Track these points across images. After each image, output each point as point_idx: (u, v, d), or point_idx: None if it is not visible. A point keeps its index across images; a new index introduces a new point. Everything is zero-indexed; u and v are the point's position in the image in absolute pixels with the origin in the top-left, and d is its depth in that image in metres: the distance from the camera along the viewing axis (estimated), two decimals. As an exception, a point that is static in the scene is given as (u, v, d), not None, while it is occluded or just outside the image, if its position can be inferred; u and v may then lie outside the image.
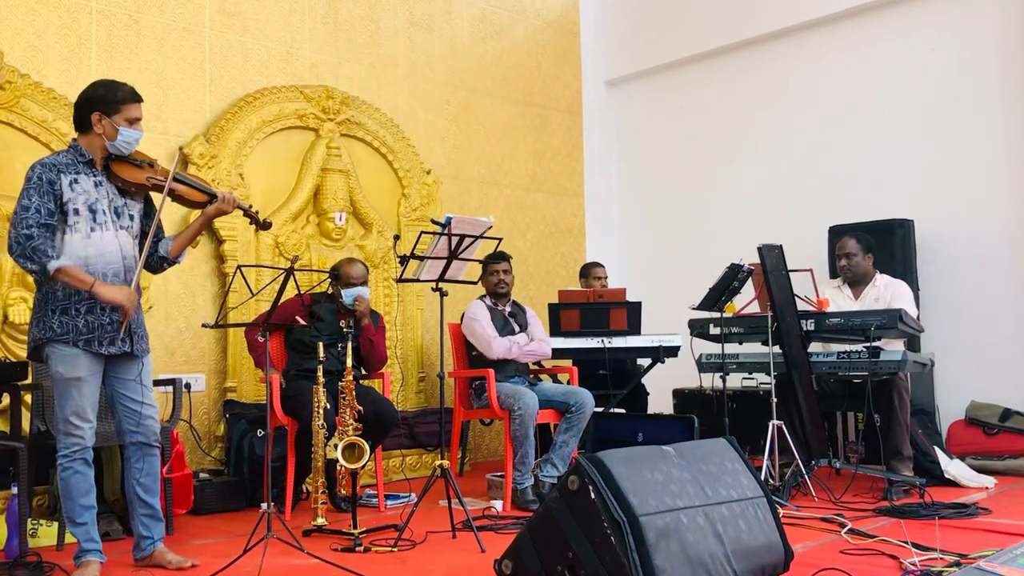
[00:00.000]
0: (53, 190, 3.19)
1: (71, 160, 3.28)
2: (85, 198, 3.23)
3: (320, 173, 5.72)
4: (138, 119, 3.31)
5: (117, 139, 3.26)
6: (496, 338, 4.91)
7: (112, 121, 3.25)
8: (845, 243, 5.20)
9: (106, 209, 3.27)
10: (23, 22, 4.77)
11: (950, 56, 5.94)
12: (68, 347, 3.20)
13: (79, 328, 3.20)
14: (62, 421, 3.23)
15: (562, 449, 4.73)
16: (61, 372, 3.21)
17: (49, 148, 4.72)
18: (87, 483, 3.27)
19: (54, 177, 3.20)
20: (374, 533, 3.91)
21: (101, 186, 3.29)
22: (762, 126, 6.80)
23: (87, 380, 3.24)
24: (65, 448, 3.23)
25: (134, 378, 3.37)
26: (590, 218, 7.55)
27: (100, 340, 3.24)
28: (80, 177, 3.25)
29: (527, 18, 7.24)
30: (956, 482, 4.77)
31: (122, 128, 3.26)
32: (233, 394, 5.27)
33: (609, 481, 2.58)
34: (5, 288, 4.55)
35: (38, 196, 3.17)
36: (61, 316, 3.21)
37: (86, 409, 3.24)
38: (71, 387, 3.21)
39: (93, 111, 3.26)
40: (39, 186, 3.18)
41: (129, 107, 3.28)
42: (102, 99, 3.26)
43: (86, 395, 3.24)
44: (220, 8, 5.50)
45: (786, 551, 2.89)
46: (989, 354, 5.71)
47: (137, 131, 3.30)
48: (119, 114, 3.25)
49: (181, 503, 4.42)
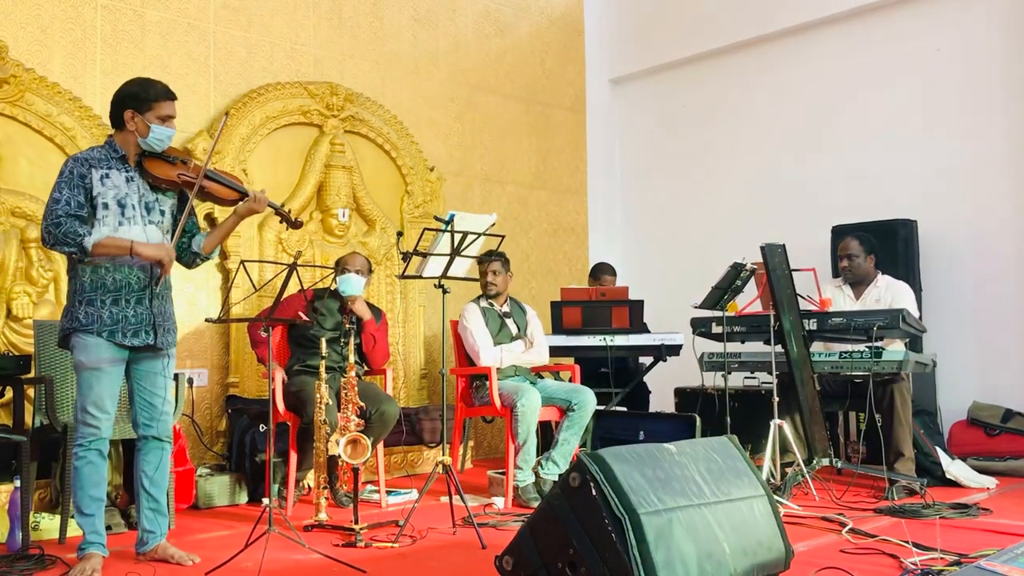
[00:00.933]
0: (84, 184, 3.25)
1: (104, 155, 3.34)
2: (115, 193, 3.28)
3: (324, 169, 5.73)
4: (171, 116, 3.35)
5: (149, 136, 3.31)
6: (485, 349, 4.92)
7: (144, 118, 3.30)
8: (847, 244, 5.20)
9: (136, 204, 3.32)
10: (28, 16, 4.78)
11: (953, 57, 5.93)
12: (91, 337, 3.24)
13: (103, 319, 3.25)
14: (80, 410, 3.27)
15: (563, 447, 4.73)
16: (83, 361, 3.26)
17: (53, 142, 4.73)
18: (99, 475, 3.29)
19: (85, 171, 3.26)
20: (375, 529, 3.92)
21: (132, 181, 3.34)
22: (766, 125, 6.80)
23: (107, 371, 3.27)
24: (81, 438, 3.26)
25: (157, 372, 3.41)
26: (593, 216, 7.55)
27: (124, 331, 3.27)
28: (112, 172, 3.30)
29: (531, 15, 7.24)
30: (957, 482, 4.77)
31: (154, 125, 3.30)
32: (235, 389, 5.28)
33: (610, 478, 2.59)
34: (8, 282, 4.56)
35: (68, 189, 3.23)
36: (87, 307, 3.26)
37: (104, 400, 3.26)
38: (91, 377, 3.25)
39: (126, 108, 3.32)
40: (70, 180, 3.25)
41: (161, 105, 3.32)
42: (135, 96, 3.32)
43: (106, 386, 3.27)
44: (225, 3, 5.51)
45: (787, 550, 2.89)
46: (991, 355, 5.71)
47: (169, 128, 3.35)
48: (151, 111, 3.30)
49: (183, 498, 4.43)
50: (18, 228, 4.61)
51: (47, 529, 3.91)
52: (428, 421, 5.62)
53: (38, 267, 4.64)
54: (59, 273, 4.72)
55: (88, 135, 4.82)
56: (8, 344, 4.53)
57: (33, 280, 4.63)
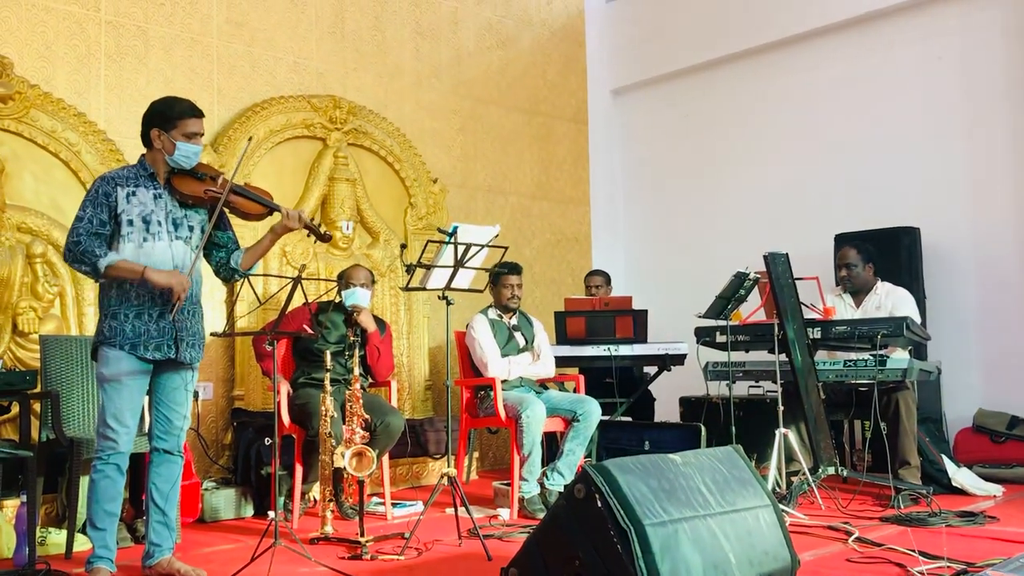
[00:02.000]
0: (108, 202, 3.30)
1: (133, 174, 3.39)
2: (140, 210, 3.32)
3: (327, 182, 5.75)
4: (197, 134, 3.39)
5: (175, 154, 3.35)
6: (493, 360, 4.92)
7: (170, 136, 3.34)
8: (846, 253, 5.19)
9: (162, 220, 3.36)
10: (33, 33, 4.81)
11: (956, 64, 5.94)
12: (114, 350, 3.28)
13: (126, 332, 3.28)
14: (100, 423, 3.30)
15: (569, 457, 4.73)
16: (104, 373, 3.29)
17: (58, 158, 4.76)
18: (115, 490, 3.31)
19: (110, 190, 3.31)
20: (381, 541, 3.91)
21: (160, 198, 3.38)
22: (767, 134, 6.81)
23: (128, 384, 3.29)
24: (100, 451, 3.29)
25: (177, 386, 3.43)
26: (596, 226, 7.56)
27: (146, 345, 3.30)
28: (139, 190, 3.35)
29: (533, 28, 7.27)
30: (963, 490, 4.76)
31: (179, 143, 3.34)
32: (241, 402, 5.29)
33: (615, 490, 2.59)
34: (14, 297, 4.58)
35: (92, 207, 3.29)
36: (111, 320, 3.30)
37: (124, 413, 3.28)
38: (112, 389, 3.28)
39: (152, 127, 3.37)
40: (95, 198, 3.31)
41: (186, 122, 3.36)
42: (160, 115, 3.37)
43: (126, 399, 3.29)
44: (228, 18, 5.54)
45: (792, 559, 2.88)
46: (996, 362, 5.70)
47: (195, 145, 3.38)
48: (176, 129, 3.34)
49: (188, 512, 4.43)
50: (24, 243, 4.63)
51: (54, 544, 3.91)
52: (433, 432, 5.63)
53: (44, 282, 4.66)
54: (64, 288, 4.74)
55: (92, 150, 4.84)
56: (14, 359, 4.54)
57: (39, 295, 4.65)
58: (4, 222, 4.56)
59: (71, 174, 4.81)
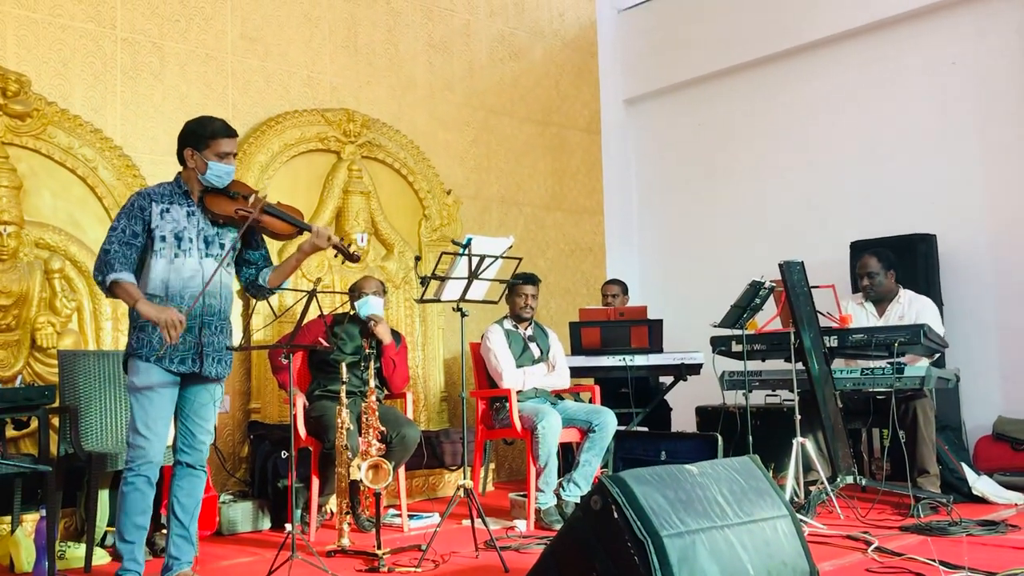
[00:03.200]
0: (142, 215, 3.35)
1: (168, 191, 3.43)
2: (173, 226, 3.37)
3: (342, 195, 5.78)
4: (230, 153, 3.42)
5: (208, 173, 3.38)
6: (508, 371, 4.92)
7: (203, 156, 3.38)
8: (866, 262, 5.16)
9: (194, 237, 3.39)
10: (50, 50, 4.86)
11: (969, 70, 5.92)
12: (142, 361, 3.32)
13: (152, 345, 3.31)
14: (131, 432, 3.32)
15: (585, 468, 4.72)
16: (134, 383, 3.32)
17: (75, 174, 4.80)
18: (145, 503, 3.32)
19: (145, 204, 3.37)
20: (398, 554, 3.91)
21: (194, 216, 3.42)
22: (781, 142, 6.80)
23: (159, 392, 3.32)
24: (130, 461, 3.30)
25: (204, 401, 3.44)
26: (610, 236, 7.55)
27: (171, 358, 3.33)
28: (173, 207, 3.39)
29: (545, 39, 7.29)
30: (984, 499, 4.72)
31: (211, 162, 3.37)
32: (257, 415, 5.30)
33: (632, 501, 2.58)
34: (33, 313, 4.61)
35: (126, 219, 3.35)
36: (139, 332, 3.33)
37: (156, 421, 3.31)
38: (143, 398, 3.30)
39: (186, 147, 3.41)
40: (130, 211, 3.36)
41: (219, 142, 3.39)
42: (193, 134, 3.41)
43: (156, 407, 3.31)
44: (242, 34, 5.58)
45: (812, 570, 2.87)
46: (1016, 368, 5.66)
47: (228, 165, 3.41)
48: (209, 149, 3.38)
49: (206, 525, 4.44)
50: (42, 259, 4.67)
51: (73, 558, 3.93)
52: (449, 444, 5.63)
53: (62, 297, 4.69)
54: (82, 303, 4.77)
55: (109, 166, 4.88)
56: (33, 374, 4.57)
57: (57, 310, 4.68)
58: (22, 238, 4.59)
59: (88, 190, 4.85)
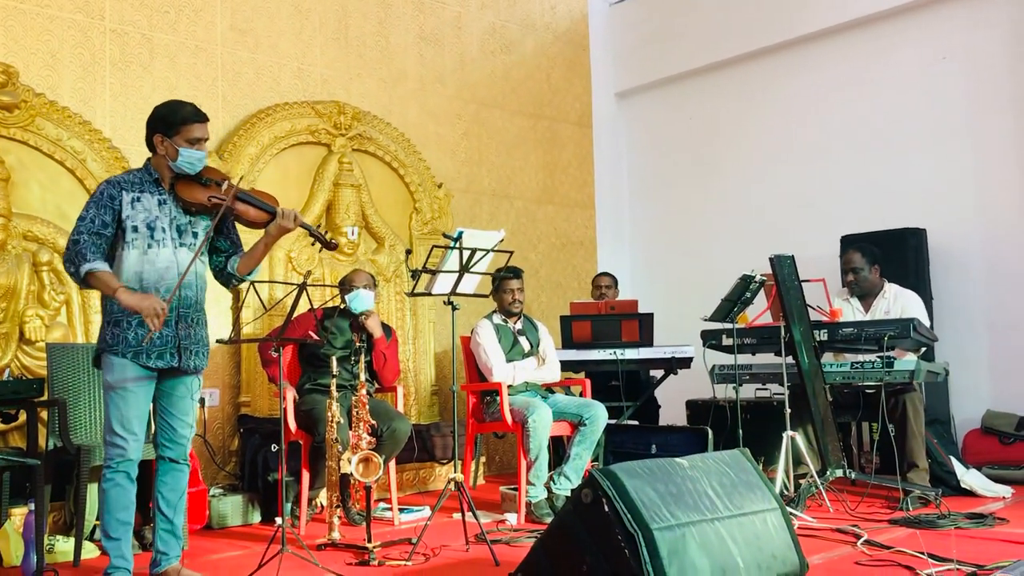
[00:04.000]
0: (112, 204, 3.27)
1: (139, 179, 3.35)
2: (145, 216, 3.29)
3: (332, 188, 5.76)
4: (201, 139, 3.33)
5: (179, 159, 3.30)
6: (498, 365, 4.92)
7: (173, 142, 3.29)
8: (850, 258, 5.15)
9: (166, 227, 3.32)
10: (38, 42, 4.83)
11: (960, 64, 5.93)
12: (117, 357, 3.25)
13: (128, 340, 3.25)
14: (107, 431, 3.27)
15: (575, 462, 4.72)
16: (109, 381, 3.27)
17: (64, 166, 4.77)
18: (127, 498, 3.28)
19: (115, 193, 3.28)
20: (388, 547, 3.91)
21: (165, 204, 3.34)
22: (773, 136, 6.80)
23: (133, 390, 3.26)
24: (108, 459, 3.25)
25: (182, 395, 3.38)
26: (601, 230, 7.56)
27: (148, 353, 3.26)
28: (144, 196, 3.31)
29: (536, 32, 7.27)
30: (972, 492, 4.74)
31: (183, 149, 3.29)
32: (247, 409, 5.29)
33: (623, 494, 2.58)
34: (21, 306, 4.59)
35: (96, 208, 3.26)
36: (114, 328, 3.27)
37: (131, 420, 3.25)
38: (117, 396, 3.25)
39: (155, 132, 3.32)
40: (99, 200, 3.27)
41: (190, 128, 3.30)
42: (163, 119, 3.32)
43: (132, 406, 3.26)
44: (232, 25, 5.55)
45: (801, 563, 2.88)
46: (1004, 362, 5.68)
47: (199, 151, 3.32)
48: (179, 135, 3.29)
49: (196, 519, 4.43)
50: (30, 252, 4.64)
51: (62, 552, 3.92)
52: (440, 438, 5.62)
53: (50, 290, 4.67)
54: (71, 296, 4.74)
55: (98, 158, 4.86)
56: (21, 367, 4.55)
57: (45, 303, 4.66)
58: (10, 230, 4.57)
59: (77, 182, 4.82)
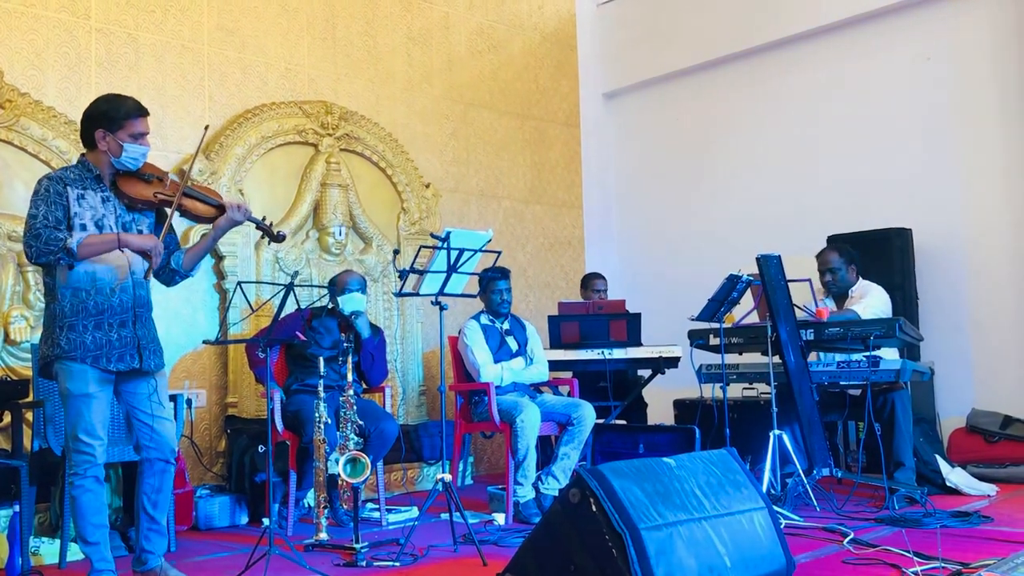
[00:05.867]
0: (60, 201, 3.16)
1: (78, 175, 3.25)
2: (92, 213, 3.20)
3: (320, 188, 5.75)
4: (144, 134, 3.25)
5: (122, 156, 3.22)
6: (485, 366, 4.92)
7: (116, 137, 3.21)
8: (827, 258, 5.16)
9: (113, 225, 3.24)
10: (23, 41, 4.80)
11: (945, 65, 5.96)
12: (76, 363, 3.16)
13: (86, 345, 3.16)
14: (71, 439, 3.19)
15: (563, 462, 4.73)
16: (69, 389, 3.17)
17: (49, 166, 4.73)
18: (98, 501, 3.23)
19: (61, 189, 3.18)
20: (376, 548, 3.91)
21: (108, 201, 3.26)
22: (759, 136, 6.82)
23: (96, 396, 3.19)
24: (75, 466, 3.18)
25: (147, 394, 3.32)
26: (589, 230, 7.57)
27: (108, 356, 3.19)
28: (87, 192, 3.23)
29: (524, 32, 7.27)
30: (958, 490, 4.77)
31: (126, 144, 3.21)
32: (234, 410, 5.27)
33: (610, 494, 2.59)
34: (6, 306, 4.56)
35: (45, 205, 3.15)
36: (68, 333, 3.16)
37: (96, 426, 3.19)
38: (80, 404, 3.17)
39: (97, 128, 3.22)
40: (46, 197, 3.16)
41: (133, 123, 3.22)
42: (105, 115, 3.22)
43: (95, 412, 3.19)
44: (219, 25, 5.53)
45: (788, 561, 2.89)
46: (989, 361, 5.72)
47: (143, 146, 3.25)
48: (123, 130, 3.21)
49: (183, 520, 4.42)
50: (14, 252, 4.61)
51: (47, 553, 3.90)
52: (427, 438, 5.62)
53: (35, 291, 4.64)
54: (56, 296, 4.72)
55: (84, 158, 4.83)
56: (6, 368, 4.52)
57: (30, 304, 4.63)
58: (-5, 231, 4.54)
59: (62, 182, 4.79)
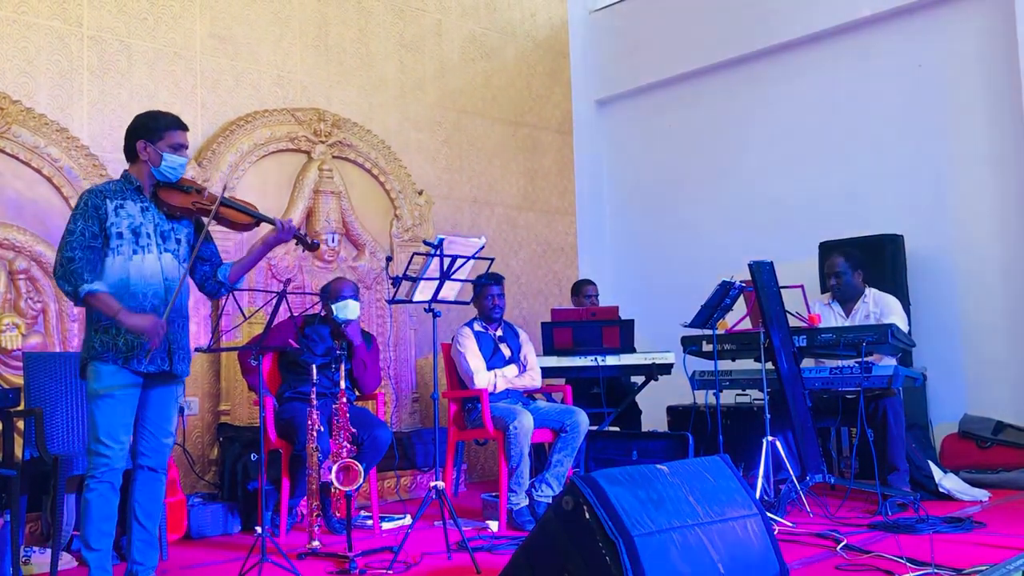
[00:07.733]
0: (98, 214, 3.27)
1: (120, 188, 3.37)
2: (129, 222, 3.30)
3: (312, 195, 5.74)
4: (183, 146, 3.38)
5: (161, 165, 3.33)
6: (479, 372, 4.92)
7: (156, 147, 3.33)
8: (833, 262, 5.19)
9: (151, 232, 3.34)
10: (14, 48, 4.79)
11: (936, 73, 5.99)
12: (107, 365, 3.24)
13: (119, 347, 3.25)
14: (92, 440, 3.24)
15: (557, 468, 4.72)
16: (96, 389, 3.25)
17: (41, 173, 4.74)
18: (110, 508, 3.25)
19: (99, 202, 3.29)
20: (369, 556, 3.89)
21: (148, 211, 3.36)
22: (751, 143, 6.84)
23: (120, 397, 3.25)
24: (92, 468, 3.23)
25: (167, 401, 3.39)
26: (582, 236, 7.57)
27: (139, 358, 3.26)
28: (127, 203, 3.33)
29: (517, 39, 7.29)
30: (950, 496, 4.78)
31: (165, 154, 3.33)
32: (227, 417, 5.25)
33: (604, 501, 2.59)
34: (-3, 314, 4.55)
35: (83, 220, 3.26)
36: (103, 335, 3.25)
37: (117, 429, 3.23)
38: (104, 404, 3.23)
39: (138, 139, 3.35)
40: (85, 211, 3.28)
41: (173, 134, 3.35)
42: (145, 126, 3.36)
43: (119, 413, 3.24)
44: (211, 32, 5.53)
45: (781, 568, 2.89)
46: (981, 367, 5.73)
47: (182, 158, 3.38)
48: (163, 141, 3.33)
49: (175, 529, 4.40)
50: (6, 260, 4.60)
51: (38, 563, 3.88)
52: (421, 445, 5.61)
53: (27, 299, 4.62)
54: (48, 305, 4.70)
55: (76, 165, 4.82)
56: (-3, 377, 4.51)
57: (22, 312, 4.61)
58: (-14, 238, 4.53)
59: (54, 190, 4.78)
